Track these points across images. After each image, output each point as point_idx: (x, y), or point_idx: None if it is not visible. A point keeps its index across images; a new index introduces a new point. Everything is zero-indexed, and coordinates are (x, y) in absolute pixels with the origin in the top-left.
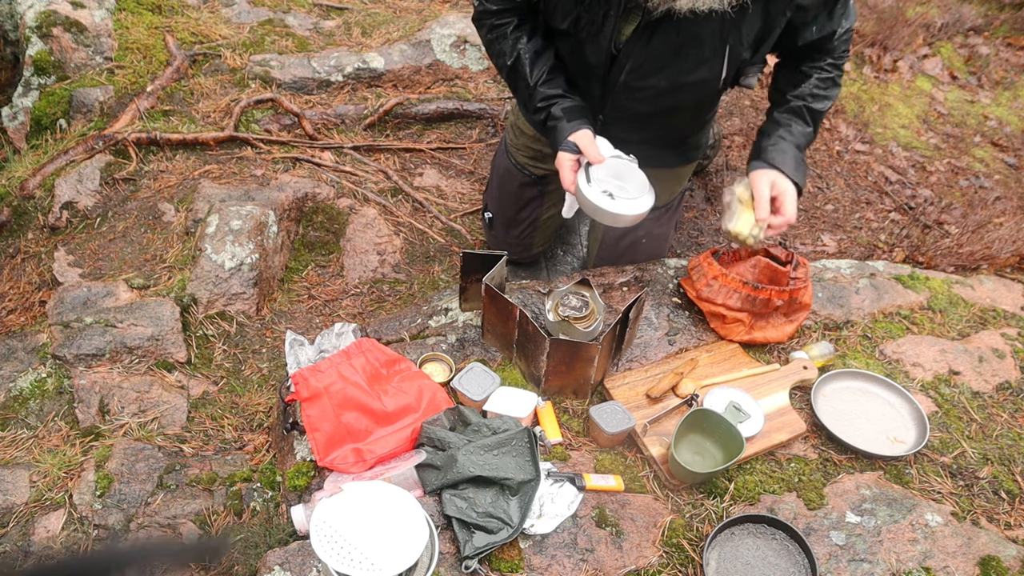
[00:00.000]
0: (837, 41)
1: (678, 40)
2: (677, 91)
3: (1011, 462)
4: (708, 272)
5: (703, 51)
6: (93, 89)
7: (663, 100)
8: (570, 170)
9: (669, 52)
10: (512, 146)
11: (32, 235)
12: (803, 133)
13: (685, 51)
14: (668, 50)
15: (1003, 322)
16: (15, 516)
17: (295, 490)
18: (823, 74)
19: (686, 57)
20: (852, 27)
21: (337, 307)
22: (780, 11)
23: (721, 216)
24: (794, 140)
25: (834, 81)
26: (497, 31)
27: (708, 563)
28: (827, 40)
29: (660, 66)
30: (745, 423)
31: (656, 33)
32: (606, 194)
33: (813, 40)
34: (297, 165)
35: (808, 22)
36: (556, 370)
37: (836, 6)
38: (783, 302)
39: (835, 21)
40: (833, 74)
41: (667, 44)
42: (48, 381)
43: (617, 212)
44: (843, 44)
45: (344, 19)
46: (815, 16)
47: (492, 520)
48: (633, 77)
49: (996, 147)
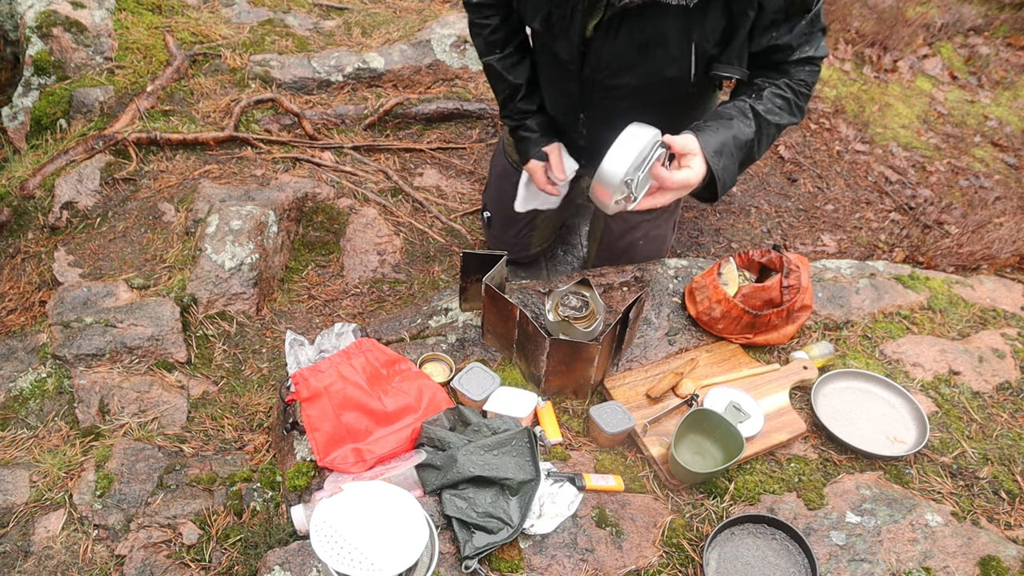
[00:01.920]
0: (795, 63)
1: (643, 37)
2: (650, 89)
3: (1011, 462)
4: (712, 295)
5: (669, 49)
6: (93, 89)
7: (638, 98)
8: (543, 173)
9: (635, 50)
10: (509, 146)
11: (32, 235)
12: (743, 131)
13: (652, 49)
14: (634, 47)
15: (1003, 322)
16: (15, 516)
17: (295, 490)
18: (778, 90)
19: (653, 55)
20: (817, 59)
21: (337, 307)
22: (743, 9)
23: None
24: (732, 131)
25: (790, 105)
26: (475, 28)
27: (708, 563)
28: (783, 53)
29: (629, 64)
30: (745, 423)
31: (621, 28)
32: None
33: (768, 48)
34: (297, 165)
35: (767, 26)
36: (556, 370)
37: (799, 20)
38: (782, 319)
39: (795, 36)
40: (789, 96)
41: (632, 41)
42: (48, 381)
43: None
44: (802, 70)
45: (344, 19)
46: (773, 21)
47: (492, 520)
48: (605, 75)
49: (996, 147)
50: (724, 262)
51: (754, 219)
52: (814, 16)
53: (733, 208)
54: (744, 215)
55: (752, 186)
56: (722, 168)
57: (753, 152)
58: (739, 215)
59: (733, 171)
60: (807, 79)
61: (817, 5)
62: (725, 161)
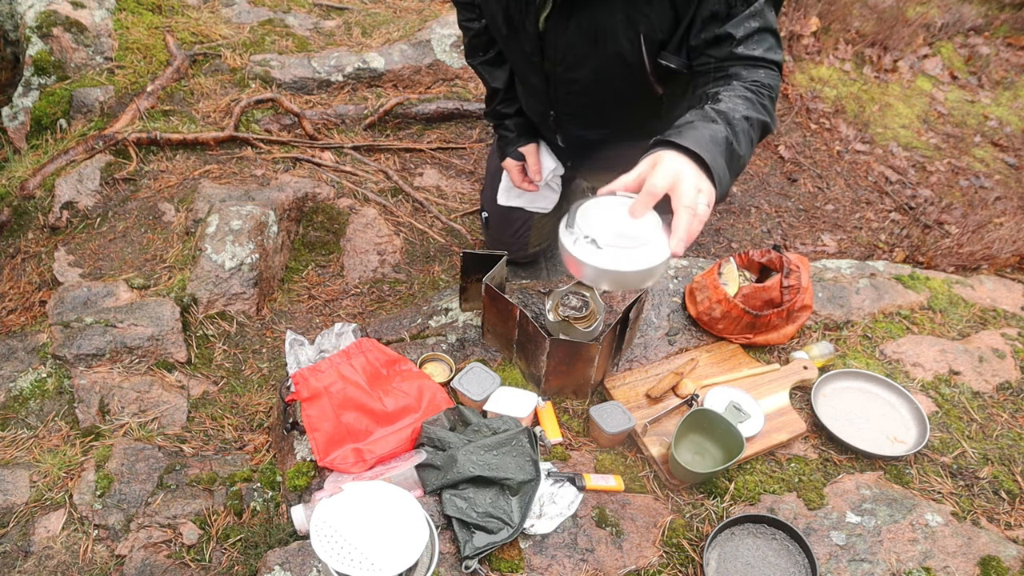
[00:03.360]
0: (744, 62)
1: (591, 27)
2: (607, 83)
3: (1011, 462)
4: (712, 295)
5: (619, 39)
6: (93, 89)
7: (598, 92)
8: (519, 172)
9: (586, 41)
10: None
11: (32, 235)
12: (713, 131)
13: (601, 40)
14: (585, 38)
15: (1003, 322)
16: (15, 516)
17: (295, 490)
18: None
19: (604, 45)
20: (771, 63)
21: (337, 307)
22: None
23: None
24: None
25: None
26: (462, 29)
27: (708, 563)
28: (726, 44)
29: (582, 56)
30: (745, 423)
31: (571, 20)
32: (589, 241)
33: (711, 39)
34: (297, 165)
35: (707, 18)
36: (556, 370)
37: (740, 11)
38: (782, 319)
39: (735, 26)
40: (750, 96)
41: (582, 32)
42: (48, 381)
43: (606, 268)
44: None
45: (344, 19)
46: (713, 13)
47: (492, 520)
48: (562, 68)
49: (996, 147)
50: (724, 262)
51: (754, 219)
52: (758, 11)
53: (733, 208)
54: (744, 215)
55: (752, 186)
56: (716, 155)
57: (734, 147)
58: (739, 215)
59: (718, 158)
60: (765, 81)
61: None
62: (715, 148)
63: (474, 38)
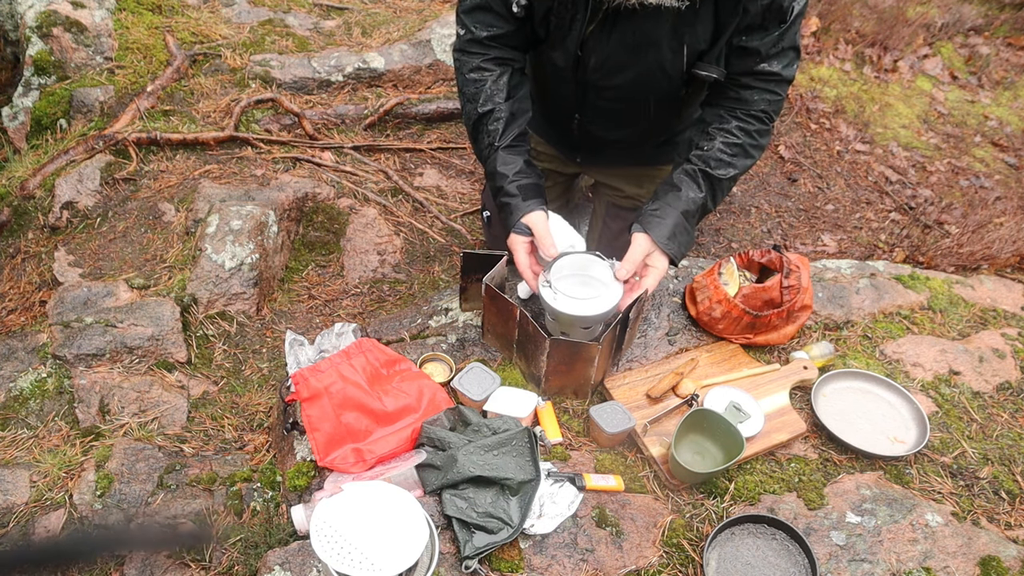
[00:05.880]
0: (759, 79)
1: (635, 38)
2: (642, 89)
3: (1011, 462)
4: (713, 295)
5: (662, 50)
6: (93, 89)
7: (631, 98)
8: (525, 253)
9: (628, 51)
10: None
11: (32, 235)
12: (693, 200)
13: (644, 50)
14: (627, 48)
15: (1003, 322)
16: (15, 516)
17: (295, 490)
18: (731, 139)
19: (646, 55)
20: (783, 81)
21: (337, 307)
22: (729, 12)
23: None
24: (681, 207)
25: (744, 150)
26: (480, 72)
27: (708, 563)
28: (752, 59)
29: (622, 65)
30: (745, 423)
31: (615, 30)
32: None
33: (737, 48)
34: (297, 165)
35: (743, 29)
36: (556, 370)
37: (773, 30)
38: (782, 319)
39: (765, 44)
40: (742, 140)
41: (624, 42)
42: (48, 381)
43: (583, 314)
44: (763, 98)
45: (344, 19)
46: (749, 26)
47: (492, 520)
48: (598, 76)
49: (996, 147)
50: (724, 262)
51: (754, 219)
52: (788, 30)
53: (733, 208)
54: (744, 215)
55: (752, 186)
56: (677, 247)
57: (707, 206)
58: (739, 215)
59: (689, 240)
60: (768, 109)
61: (792, 18)
62: (681, 237)
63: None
